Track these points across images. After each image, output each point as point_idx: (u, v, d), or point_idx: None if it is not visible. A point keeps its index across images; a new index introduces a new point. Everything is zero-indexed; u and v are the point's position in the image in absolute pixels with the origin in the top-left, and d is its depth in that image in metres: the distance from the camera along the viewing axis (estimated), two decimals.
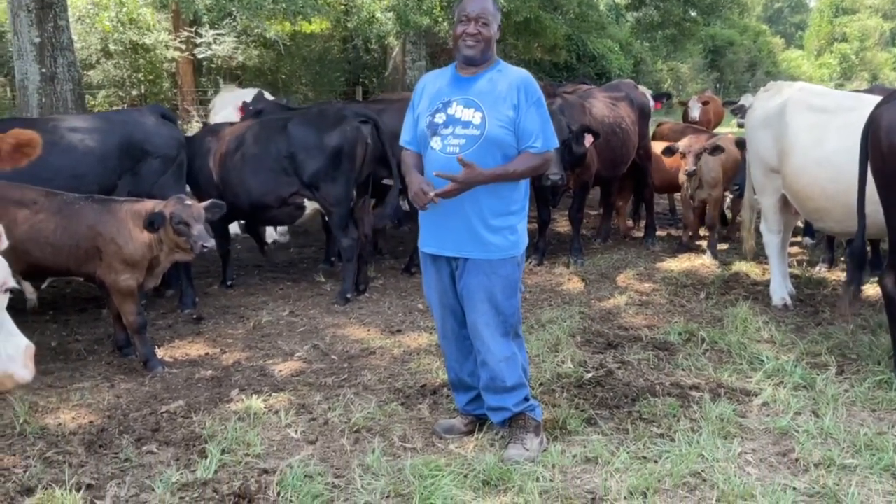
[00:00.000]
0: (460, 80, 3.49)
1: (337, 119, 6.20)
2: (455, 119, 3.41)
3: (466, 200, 3.39)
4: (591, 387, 4.35)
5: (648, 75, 28.13)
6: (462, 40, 3.39)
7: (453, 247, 3.49)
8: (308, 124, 6.24)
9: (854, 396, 4.17)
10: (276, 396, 4.30)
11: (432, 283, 3.66)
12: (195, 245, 4.52)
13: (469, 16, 3.36)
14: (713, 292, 6.28)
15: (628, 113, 7.84)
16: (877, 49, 49.49)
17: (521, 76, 3.48)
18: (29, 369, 2.87)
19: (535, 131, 3.40)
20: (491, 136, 3.36)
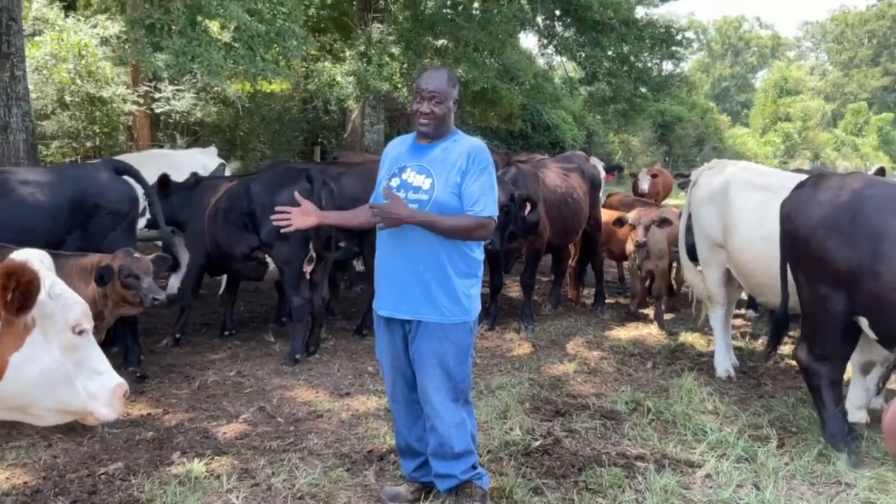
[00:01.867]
0: (417, 147, 3.62)
1: (291, 178, 6.25)
2: (407, 184, 3.53)
3: (425, 262, 3.45)
4: (538, 455, 4.36)
5: (601, 146, 28.96)
6: (417, 117, 3.52)
7: (408, 309, 3.52)
8: (265, 183, 6.32)
9: (794, 469, 4.25)
10: (218, 460, 4.21)
11: (384, 346, 3.67)
12: (145, 298, 4.47)
13: (423, 94, 3.48)
14: (659, 362, 6.38)
15: (580, 184, 8.05)
16: (818, 129, 51.70)
17: (473, 145, 3.57)
18: (113, 408, 2.82)
19: (477, 196, 3.46)
20: (438, 200, 3.45)
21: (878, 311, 4.17)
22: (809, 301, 4.56)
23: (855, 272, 4.20)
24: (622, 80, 17.57)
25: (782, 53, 77.06)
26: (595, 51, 16.83)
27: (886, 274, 4.04)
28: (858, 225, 4.20)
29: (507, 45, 16.27)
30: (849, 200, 4.31)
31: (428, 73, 3.61)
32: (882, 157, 49.91)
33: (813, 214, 4.43)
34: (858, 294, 4.22)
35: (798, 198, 4.62)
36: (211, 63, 7.48)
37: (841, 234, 4.27)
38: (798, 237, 4.53)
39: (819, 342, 4.57)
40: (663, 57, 18.53)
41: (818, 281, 4.43)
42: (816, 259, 4.40)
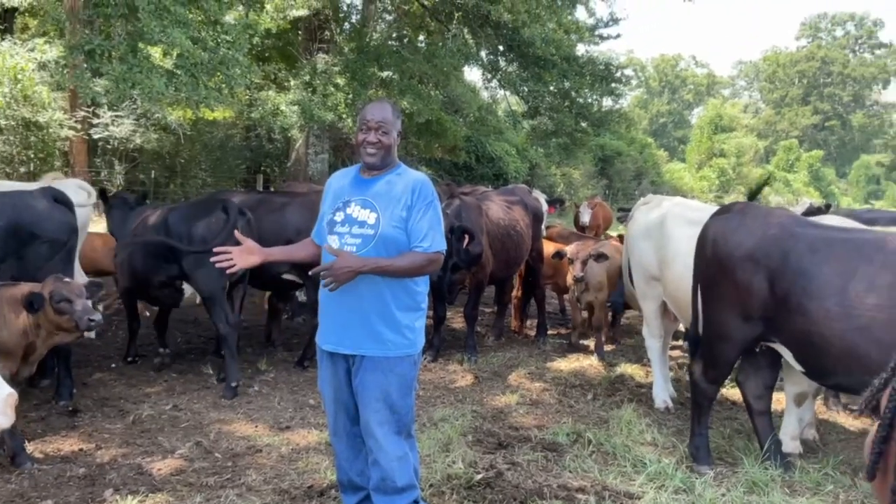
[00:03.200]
0: (361, 181, 3.58)
1: (207, 210, 6.31)
2: (352, 219, 3.49)
3: (368, 297, 3.41)
4: (480, 488, 4.35)
5: (543, 179, 29.39)
6: (363, 147, 3.50)
7: (351, 344, 3.47)
8: (182, 212, 6.44)
9: (730, 500, 4.32)
10: (153, 497, 4.09)
11: (327, 379, 3.61)
12: (81, 321, 4.32)
13: (369, 124, 3.46)
14: (600, 393, 6.46)
15: (522, 216, 8.15)
16: (752, 165, 53.44)
17: (417, 179, 3.55)
18: (7, 416, 3.14)
19: (424, 232, 3.46)
20: (384, 235, 3.42)
21: (804, 345, 4.33)
22: (716, 326, 4.72)
23: (781, 306, 4.35)
24: (564, 114, 17.92)
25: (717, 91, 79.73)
26: (537, 86, 17.15)
27: (814, 312, 4.19)
28: (789, 262, 4.35)
29: (451, 78, 16.51)
30: (780, 237, 4.46)
31: (372, 104, 3.59)
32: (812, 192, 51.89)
33: (741, 245, 4.56)
34: (784, 327, 4.38)
35: (724, 226, 4.74)
36: (152, 90, 7.38)
37: (769, 269, 4.41)
38: (721, 264, 4.65)
39: (716, 366, 4.79)
40: (603, 93, 18.94)
41: (731, 308, 4.58)
42: (737, 288, 4.54)
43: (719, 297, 4.69)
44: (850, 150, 70.21)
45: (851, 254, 4.23)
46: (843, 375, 4.24)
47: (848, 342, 4.11)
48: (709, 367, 4.83)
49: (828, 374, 4.35)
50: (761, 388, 4.91)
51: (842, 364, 4.18)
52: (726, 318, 4.63)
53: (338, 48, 15.96)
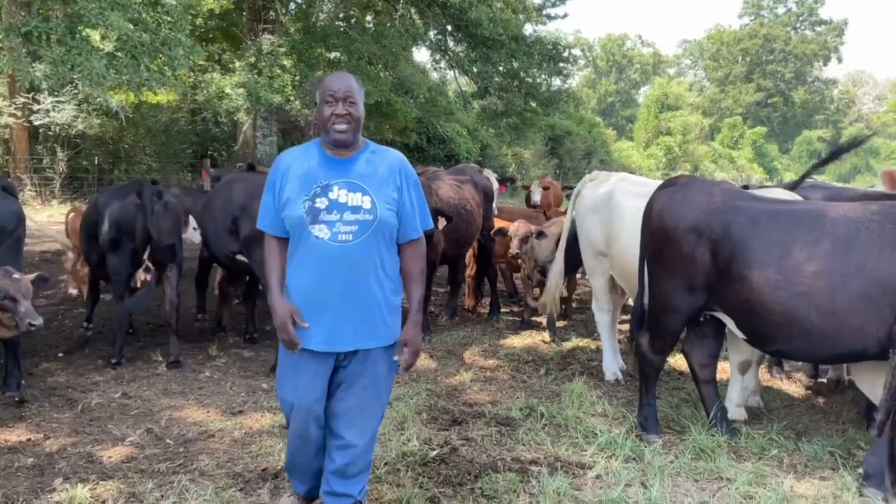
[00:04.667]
0: (335, 161, 3.29)
1: (122, 194, 6.45)
2: (340, 204, 3.21)
3: (368, 286, 3.26)
4: (435, 464, 4.39)
5: (494, 159, 29.48)
6: (331, 123, 3.22)
7: (351, 339, 3.29)
8: (104, 197, 6.67)
9: (679, 467, 4.44)
10: (104, 485, 4.03)
11: (306, 385, 3.33)
12: (21, 323, 4.23)
13: (336, 95, 3.20)
14: (552, 368, 6.55)
15: (473, 195, 8.18)
16: (698, 142, 54.38)
17: (398, 158, 3.42)
18: None
19: (416, 213, 3.37)
20: (382, 219, 3.24)
21: (746, 313, 4.47)
22: (662, 297, 4.84)
23: (723, 276, 4.48)
24: (513, 94, 18.01)
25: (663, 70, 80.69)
26: (486, 66, 17.19)
27: (756, 280, 4.33)
28: (730, 233, 4.48)
29: (400, 59, 16.42)
30: (723, 209, 4.58)
31: (333, 76, 3.32)
32: (756, 168, 53.09)
33: (685, 217, 4.67)
34: (726, 297, 4.52)
35: (671, 197, 4.85)
36: (92, 72, 7.19)
37: (711, 240, 4.54)
38: (665, 236, 4.76)
39: (662, 337, 4.91)
40: (551, 73, 19.07)
41: (676, 279, 4.70)
42: (681, 259, 4.65)
43: (664, 268, 4.79)
44: (792, 126, 71.82)
45: (791, 224, 4.37)
46: (784, 341, 4.39)
47: (788, 309, 4.25)
48: (655, 338, 4.94)
49: (769, 340, 4.49)
50: (706, 357, 5.04)
51: (782, 330, 4.33)
52: (671, 289, 4.74)
53: (283, 29, 15.75)
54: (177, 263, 6.60)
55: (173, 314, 6.46)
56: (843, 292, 4.11)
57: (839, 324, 4.14)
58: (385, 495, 3.95)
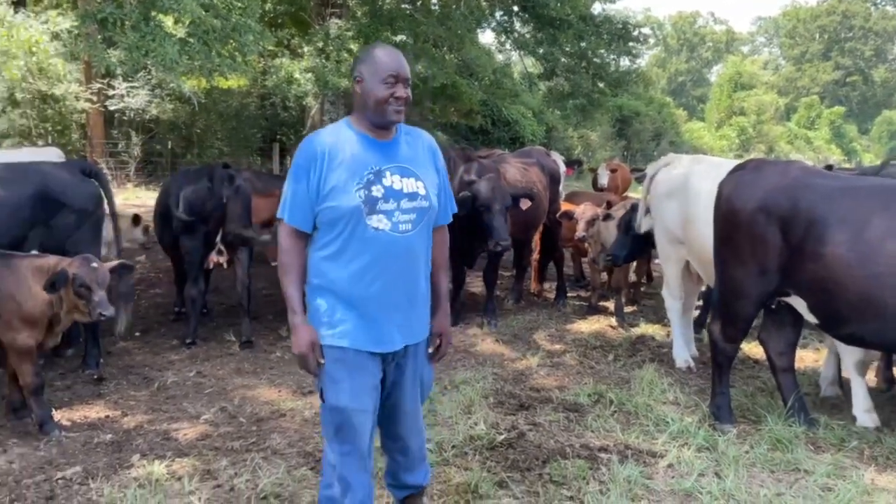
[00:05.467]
0: (380, 145, 3.00)
1: (194, 178, 6.60)
2: (395, 191, 2.95)
3: (418, 276, 3.07)
4: (503, 449, 4.37)
5: (560, 141, 29.14)
6: (389, 105, 2.94)
7: (408, 335, 3.07)
8: (176, 180, 6.84)
9: (754, 457, 4.32)
10: (179, 462, 4.14)
11: (366, 390, 2.99)
12: (93, 311, 4.36)
13: (398, 76, 2.95)
14: (621, 354, 6.45)
15: (539, 178, 8.09)
16: (772, 123, 52.75)
17: (429, 138, 3.22)
18: None
19: (449, 198, 3.24)
20: (434, 206, 3.08)
21: (818, 293, 4.33)
22: (732, 283, 4.71)
23: (795, 255, 4.34)
24: (580, 75, 17.70)
25: (736, 48, 78.45)
26: (553, 47, 16.93)
27: (829, 258, 4.19)
28: (801, 210, 4.33)
29: (466, 41, 16.29)
30: (791, 186, 4.45)
31: (387, 52, 3.02)
32: (834, 149, 51.17)
33: (753, 198, 4.54)
34: (798, 277, 4.37)
35: (739, 181, 4.73)
36: (165, 58, 7.35)
37: (781, 219, 4.39)
38: (735, 219, 4.64)
39: (734, 324, 4.77)
40: (620, 53, 18.68)
41: (747, 264, 4.56)
42: (752, 242, 4.52)
43: (734, 253, 4.66)
44: (872, 105, 68.95)
45: (867, 201, 4.21)
46: (857, 324, 4.24)
47: (862, 289, 4.10)
48: (727, 326, 4.81)
49: (841, 323, 4.34)
50: (784, 345, 4.87)
51: (856, 312, 4.18)
52: (742, 274, 4.60)
53: (350, 13, 15.79)
54: (248, 246, 6.71)
55: (245, 295, 6.58)
56: None
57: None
58: (453, 478, 3.95)
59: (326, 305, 2.94)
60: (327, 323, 2.94)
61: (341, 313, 2.93)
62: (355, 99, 3.04)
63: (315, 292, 2.98)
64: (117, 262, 4.77)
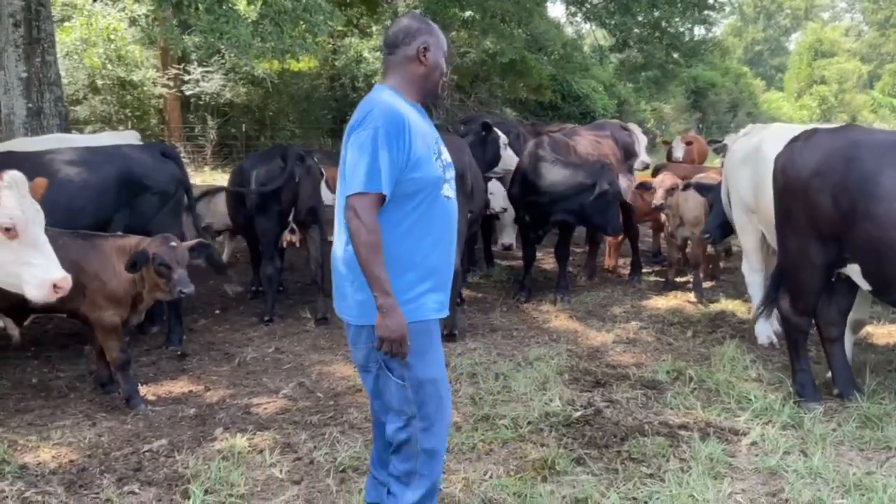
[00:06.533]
0: (425, 116, 3.07)
1: (267, 158, 6.68)
2: (447, 162, 3.07)
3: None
4: (579, 426, 4.33)
5: (632, 115, 28.45)
6: (443, 79, 3.08)
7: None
8: (249, 162, 6.89)
9: (842, 436, 4.16)
10: (260, 435, 4.24)
11: (443, 358, 3.08)
12: (173, 290, 4.48)
13: (447, 54, 3.10)
14: (700, 331, 6.29)
15: (613, 150, 7.94)
16: (855, 91, 50.53)
17: None
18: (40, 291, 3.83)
19: None
20: None
21: (873, 254, 4.19)
22: (795, 255, 4.59)
23: (849, 217, 4.20)
24: (654, 46, 17.26)
25: (816, 15, 75.06)
26: (625, 17, 16.52)
27: (884, 216, 4.05)
28: (853, 169, 4.19)
29: (534, 15, 16.05)
30: (842, 147, 4.32)
31: (437, 28, 3.05)
32: None
33: (806, 165, 4.42)
34: (853, 240, 4.24)
35: (791, 151, 4.61)
36: (239, 40, 7.46)
37: (834, 181, 4.26)
38: (790, 189, 4.53)
39: (802, 296, 4.63)
40: (695, 22, 18.14)
41: (806, 233, 4.45)
42: (808, 209, 4.40)
43: (794, 223, 4.55)
44: None
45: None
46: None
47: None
48: (796, 299, 4.67)
49: (894, 286, 4.21)
50: (835, 314, 4.74)
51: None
52: (803, 243, 4.48)
53: None
54: (319, 224, 6.79)
55: (319, 273, 6.67)
56: None
57: None
58: (529, 454, 3.93)
59: (405, 281, 2.84)
60: (410, 298, 2.85)
61: (421, 286, 2.88)
62: (411, 68, 2.97)
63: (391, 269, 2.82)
64: (196, 241, 4.89)
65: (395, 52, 2.98)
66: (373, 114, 2.79)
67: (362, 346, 2.94)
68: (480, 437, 4.16)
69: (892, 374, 5.18)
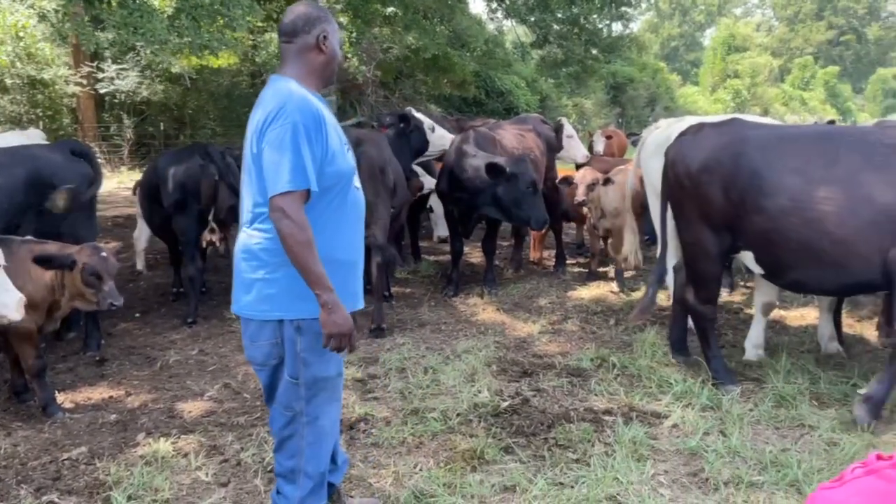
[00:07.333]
0: (329, 106, 3.00)
1: (186, 155, 6.54)
2: (351, 152, 3.04)
3: None
4: (507, 415, 4.38)
5: (554, 110, 28.95)
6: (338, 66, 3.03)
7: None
8: (165, 160, 6.72)
9: (758, 415, 4.33)
10: (185, 438, 4.15)
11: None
12: (103, 301, 4.35)
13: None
14: (622, 319, 6.45)
15: (536, 144, 8.04)
16: (767, 85, 52.48)
17: None
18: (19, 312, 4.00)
19: None
20: None
21: (763, 243, 4.40)
22: (693, 246, 4.78)
23: (740, 209, 4.40)
24: (573, 42, 17.52)
25: (729, 11, 77.73)
26: (544, 14, 16.73)
27: (772, 208, 4.24)
28: (741, 165, 4.39)
29: (456, 11, 16.14)
30: (729, 143, 4.51)
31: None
32: (829, 109, 50.95)
33: (696, 160, 4.61)
34: (745, 230, 4.44)
35: (680, 146, 4.80)
36: (154, 36, 7.26)
37: (723, 176, 4.45)
38: (681, 183, 4.71)
39: (705, 285, 4.83)
40: (613, 18, 18.49)
41: (700, 225, 4.63)
42: (699, 203, 4.59)
43: (687, 216, 4.74)
44: (866, 64, 68.54)
45: (801, 149, 4.28)
46: (799, 271, 4.33)
47: (801, 236, 4.17)
48: (698, 289, 4.86)
49: (784, 271, 4.44)
50: None
51: (795, 259, 4.27)
52: (698, 235, 4.68)
53: None
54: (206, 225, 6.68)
55: None
56: (851, 219, 4.01)
57: (848, 253, 4.06)
58: (459, 445, 3.97)
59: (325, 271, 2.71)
60: None
61: (335, 279, 2.74)
62: (312, 57, 2.89)
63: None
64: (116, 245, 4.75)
65: (293, 40, 2.88)
66: (286, 108, 2.68)
67: (264, 342, 2.86)
68: (410, 430, 4.17)
69: (804, 354, 5.41)
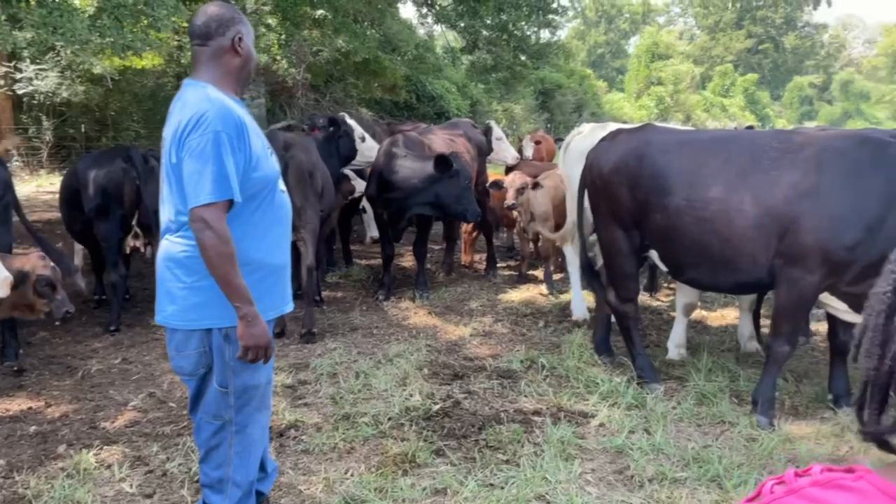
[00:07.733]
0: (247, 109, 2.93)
1: (108, 158, 6.39)
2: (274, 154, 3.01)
3: None
4: (439, 418, 4.41)
5: (485, 115, 29.16)
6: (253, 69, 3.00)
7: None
8: (85, 164, 6.51)
9: (681, 413, 4.47)
10: (108, 450, 4.04)
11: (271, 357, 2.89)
12: (58, 311, 4.22)
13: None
14: (551, 321, 6.56)
15: (467, 148, 8.11)
16: (689, 92, 53.96)
17: None
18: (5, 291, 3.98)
19: None
20: None
21: (664, 242, 4.61)
22: (609, 246, 4.99)
23: (644, 209, 4.60)
24: (502, 48, 17.71)
25: (653, 19, 79.65)
26: (474, 20, 16.87)
27: (671, 207, 4.45)
28: (644, 166, 4.60)
29: (386, 15, 16.13)
30: (636, 146, 4.73)
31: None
32: (749, 116, 52.73)
33: (608, 162, 4.84)
34: (649, 228, 4.64)
35: (597, 150, 5.03)
36: (75, 35, 7.03)
37: (629, 177, 4.67)
38: (595, 185, 4.94)
39: (624, 283, 5.00)
40: (540, 25, 18.78)
41: (613, 225, 4.84)
42: (611, 203, 4.81)
43: (602, 216, 4.94)
44: (783, 72, 71.23)
45: (697, 152, 4.49)
46: (693, 269, 4.56)
47: (695, 234, 4.37)
48: (617, 288, 5.03)
49: (683, 268, 4.65)
50: None
51: (691, 257, 4.48)
52: (612, 234, 4.88)
53: None
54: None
55: None
56: (739, 219, 4.21)
57: (736, 252, 4.25)
58: (390, 450, 3.97)
59: (250, 281, 2.70)
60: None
61: (263, 285, 2.78)
62: (227, 60, 2.82)
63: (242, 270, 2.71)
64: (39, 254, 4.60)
65: (207, 43, 2.80)
66: (207, 116, 2.60)
67: (191, 351, 2.81)
68: (341, 436, 4.16)
69: (724, 353, 5.61)
